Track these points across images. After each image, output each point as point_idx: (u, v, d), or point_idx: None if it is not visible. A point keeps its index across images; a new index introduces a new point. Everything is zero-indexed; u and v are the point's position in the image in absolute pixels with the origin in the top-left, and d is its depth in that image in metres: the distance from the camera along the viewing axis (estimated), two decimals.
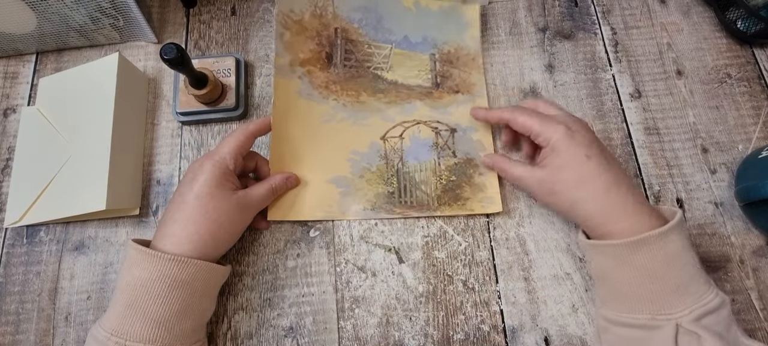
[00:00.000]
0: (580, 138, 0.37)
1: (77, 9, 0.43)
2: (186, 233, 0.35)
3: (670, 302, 0.33)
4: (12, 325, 0.40)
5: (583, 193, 0.36)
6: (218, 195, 0.36)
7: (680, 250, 0.34)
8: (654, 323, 0.33)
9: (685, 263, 0.33)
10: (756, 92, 0.48)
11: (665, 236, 0.33)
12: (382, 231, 0.43)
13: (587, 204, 0.36)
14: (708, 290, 0.33)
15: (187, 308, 0.34)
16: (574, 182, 0.36)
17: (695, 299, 0.33)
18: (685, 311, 0.32)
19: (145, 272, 0.33)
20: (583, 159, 0.36)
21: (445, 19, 0.50)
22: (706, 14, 0.52)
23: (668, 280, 0.33)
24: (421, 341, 0.40)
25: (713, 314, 0.32)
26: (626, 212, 0.35)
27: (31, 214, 0.41)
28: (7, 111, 0.47)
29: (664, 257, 0.33)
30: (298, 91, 0.46)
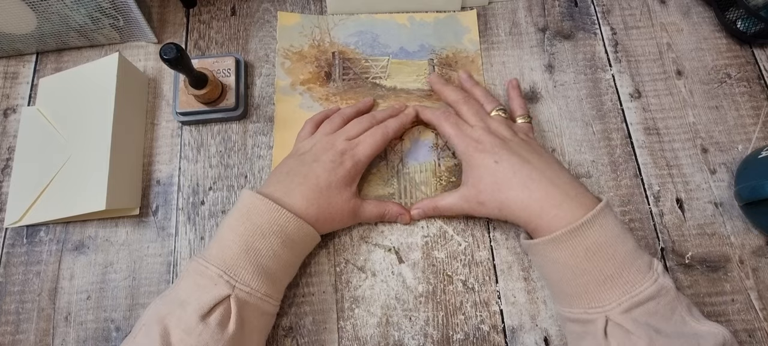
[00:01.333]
0: (486, 146, 0.38)
1: (77, 9, 0.43)
2: (305, 205, 0.37)
3: (598, 295, 0.33)
4: (12, 325, 0.40)
5: (504, 195, 0.37)
6: (344, 194, 0.39)
7: (603, 241, 0.33)
8: (587, 316, 0.33)
9: (611, 254, 0.33)
10: (756, 92, 0.48)
11: (582, 230, 0.33)
12: (382, 231, 0.43)
13: (511, 205, 0.37)
14: (642, 279, 0.32)
15: (287, 266, 0.36)
16: (493, 187, 0.37)
17: (625, 290, 0.32)
18: (613, 304, 0.32)
19: (265, 222, 0.34)
20: (493, 166, 0.37)
21: (442, 28, 0.50)
22: (705, 14, 0.52)
23: (593, 273, 0.33)
24: (420, 341, 0.40)
25: (646, 304, 0.31)
26: (550, 205, 0.35)
27: (31, 214, 0.41)
28: (7, 111, 0.47)
29: (584, 251, 0.33)
30: (300, 104, 0.47)
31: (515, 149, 0.38)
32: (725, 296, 0.41)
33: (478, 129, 0.40)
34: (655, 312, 0.31)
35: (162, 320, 0.31)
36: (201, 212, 0.44)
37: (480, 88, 0.45)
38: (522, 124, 0.43)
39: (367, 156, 0.40)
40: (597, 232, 0.33)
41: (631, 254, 0.33)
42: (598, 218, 0.33)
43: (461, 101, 0.43)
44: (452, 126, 0.41)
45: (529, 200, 0.36)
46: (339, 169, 0.39)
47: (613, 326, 0.32)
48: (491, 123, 0.41)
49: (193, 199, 0.44)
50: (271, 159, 0.45)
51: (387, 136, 0.42)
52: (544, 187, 0.36)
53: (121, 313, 0.41)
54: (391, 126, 0.42)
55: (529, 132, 0.42)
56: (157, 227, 0.43)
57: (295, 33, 0.50)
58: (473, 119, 0.41)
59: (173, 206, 0.44)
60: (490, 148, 0.38)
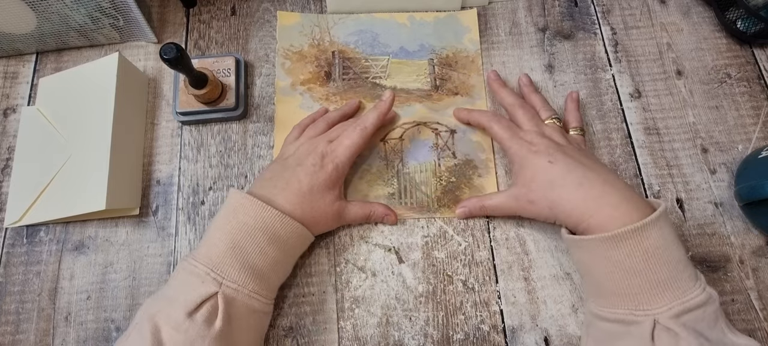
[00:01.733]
0: (541, 148, 0.39)
1: (77, 9, 0.43)
2: (289, 209, 0.37)
3: (648, 298, 0.33)
4: (12, 325, 0.40)
5: (556, 193, 0.37)
6: (327, 197, 0.39)
7: (661, 245, 0.33)
8: (632, 318, 0.33)
9: (667, 259, 0.33)
10: (756, 92, 0.48)
11: (643, 231, 0.33)
12: (382, 231, 0.43)
13: (563, 203, 0.36)
14: (693, 286, 0.32)
15: (276, 264, 0.36)
16: (546, 185, 0.37)
17: (676, 295, 0.32)
18: (664, 308, 0.32)
19: (250, 220, 0.35)
20: (547, 165, 0.37)
21: (442, 27, 0.50)
22: (705, 14, 0.52)
23: (647, 276, 0.33)
24: (420, 341, 0.40)
25: (695, 311, 0.32)
26: (605, 204, 0.35)
27: (31, 214, 0.41)
28: (7, 111, 0.47)
29: (643, 253, 0.33)
30: (300, 104, 0.47)
31: (569, 152, 0.38)
32: (725, 296, 0.41)
33: (532, 133, 0.40)
34: (702, 320, 0.32)
35: (153, 317, 0.32)
36: (201, 212, 0.44)
37: (538, 95, 0.45)
38: (575, 135, 0.43)
39: (348, 157, 0.40)
40: (657, 235, 0.33)
41: (683, 262, 0.33)
42: (659, 221, 0.33)
43: (517, 105, 0.43)
44: (505, 129, 0.41)
45: (583, 198, 0.36)
46: (320, 173, 0.39)
47: (661, 330, 0.32)
48: (545, 129, 0.41)
49: (193, 199, 0.44)
50: (272, 159, 0.45)
51: (365, 131, 0.41)
52: (600, 186, 0.35)
53: (121, 313, 0.41)
54: (369, 120, 0.41)
55: (582, 144, 0.42)
56: (157, 227, 0.43)
57: (295, 33, 0.50)
58: (527, 124, 0.42)
59: (173, 205, 0.44)
60: (544, 150, 0.38)
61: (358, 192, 0.44)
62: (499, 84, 0.46)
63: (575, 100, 0.46)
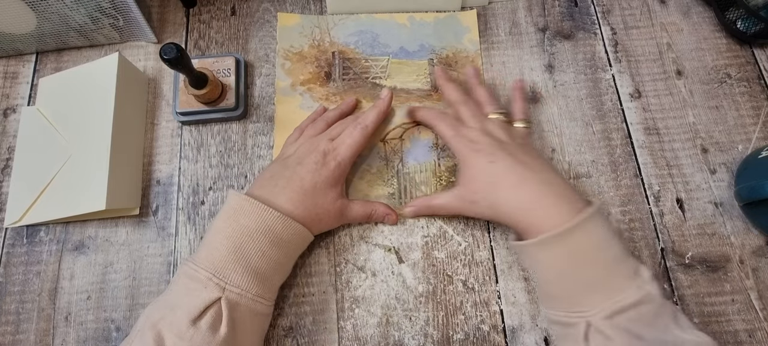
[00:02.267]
0: (482, 146, 0.38)
1: (77, 9, 0.43)
2: (291, 207, 0.37)
3: (580, 299, 0.33)
4: (12, 325, 0.40)
5: (495, 195, 0.37)
6: (330, 195, 0.39)
7: (589, 247, 0.33)
8: (568, 319, 0.33)
9: (596, 259, 0.33)
10: (756, 92, 0.48)
11: (568, 235, 0.33)
12: (382, 231, 0.43)
13: (502, 204, 0.37)
14: (627, 285, 0.32)
15: (278, 266, 0.36)
16: (486, 186, 0.37)
17: (608, 295, 0.32)
18: (596, 309, 0.32)
19: (251, 222, 0.34)
20: (488, 165, 0.37)
21: (442, 28, 0.50)
22: (705, 14, 0.52)
23: (577, 277, 0.33)
24: (420, 341, 0.40)
25: (629, 311, 0.31)
26: (540, 206, 0.35)
27: (31, 214, 0.41)
28: (7, 111, 0.47)
29: (568, 255, 0.33)
30: (300, 105, 0.47)
31: (511, 151, 0.38)
32: (725, 296, 0.41)
33: (475, 130, 0.40)
34: (638, 319, 0.31)
35: (155, 325, 0.31)
36: (201, 212, 0.44)
37: (482, 89, 0.45)
38: (520, 128, 0.42)
39: (350, 155, 0.40)
40: (583, 237, 0.33)
41: (616, 261, 0.33)
42: (585, 223, 0.33)
43: (460, 102, 0.43)
44: (448, 126, 0.41)
45: (520, 199, 0.36)
46: (322, 170, 0.38)
47: (594, 332, 0.32)
48: (488, 125, 0.41)
49: (193, 199, 0.44)
50: (272, 159, 0.45)
51: (367, 130, 0.41)
52: (537, 187, 0.36)
53: (121, 313, 0.41)
54: (370, 119, 0.42)
55: (526, 137, 0.42)
56: (157, 227, 0.43)
57: (294, 33, 0.50)
58: (471, 121, 0.41)
59: (173, 206, 0.44)
60: (485, 149, 0.38)
61: (358, 192, 0.44)
62: (445, 79, 0.46)
63: (520, 89, 0.45)
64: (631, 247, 0.43)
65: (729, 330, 0.40)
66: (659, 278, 0.42)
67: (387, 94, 0.43)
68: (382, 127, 0.46)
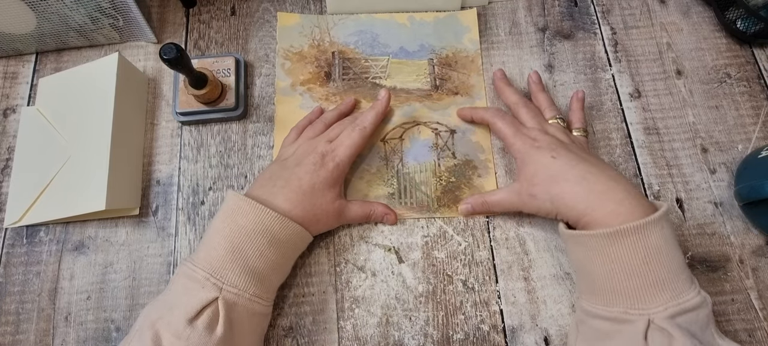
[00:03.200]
0: (544, 143, 0.39)
1: (77, 9, 0.43)
2: (289, 207, 0.37)
3: (645, 297, 0.32)
4: (12, 325, 0.40)
5: (558, 188, 0.37)
6: (328, 196, 0.39)
7: (661, 245, 0.33)
8: (626, 316, 0.33)
9: (666, 259, 0.33)
10: (755, 92, 0.48)
11: (645, 230, 0.32)
12: (382, 231, 0.43)
13: (565, 197, 0.36)
14: (688, 288, 0.32)
15: (276, 266, 0.36)
16: (548, 180, 0.37)
17: (673, 296, 0.32)
18: (660, 308, 0.32)
19: (249, 223, 0.35)
20: (550, 160, 0.38)
21: (442, 27, 0.50)
22: (705, 14, 0.52)
23: (646, 275, 0.33)
24: (420, 341, 0.40)
25: (690, 313, 0.32)
26: (608, 200, 0.34)
27: (31, 214, 0.41)
28: (6, 111, 0.47)
29: (643, 251, 0.33)
30: (300, 105, 0.47)
31: (572, 149, 0.38)
32: (725, 296, 0.41)
33: (535, 130, 0.41)
34: (696, 322, 0.32)
35: (153, 324, 0.31)
36: (201, 212, 0.44)
37: (545, 94, 0.45)
38: (578, 136, 0.43)
39: (349, 156, 0.40)
40: (658, 235, 0.33)
41: (681, 264, 0.33)
42: (661, 221, 0.33)
43: (520, 104, 0.43)
44: (508, 125, 0.41)
45: (587, 192, 0.35)
46: (321, 171, 0.39)
47: (655, 330, 0.31)
48: (548, 127, 0.41)
49: (193, 199, 0.44)
50: (272, 159, 0.45)
51: (365, 131, 0.41)
52: (604, 181, 0.35)
53: (121, 313, 0.41)
54: (368, 120, 0.42)
55: (585, 145, 0.42)
56: (157, 227, 0.43)
57: (294, 33, 0.50)
58: (531, 122, 0.42)
59: (173, 206, 0.44)
60: (547, 145, 0.38)
61: (358, 192, 0.44)
62: (504, 83, 0.46)
63: (581, 100, 0.45)
64: None
65: (729, 330, 0.40)
66: None
67: (385, 95, 0.43)
68: (381, 127, 0.46)
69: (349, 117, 0.44)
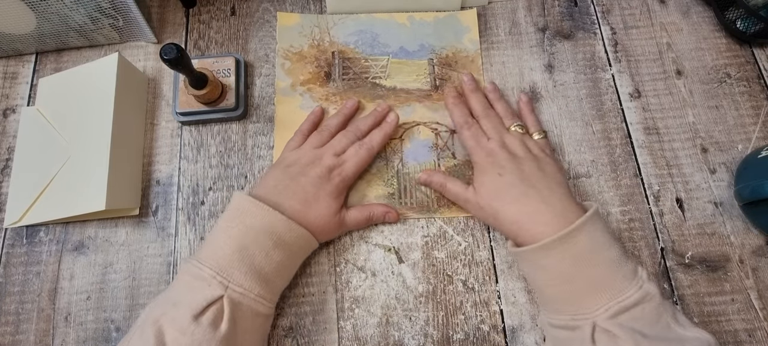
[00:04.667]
0: (497, 159, 0.40)
1: (77, 9, 0.43)
2: (296, 214, 0.37)
3: (585, 301, 0.34)
4: (12, 325, 0.40)
5: (499, 205, 0.39)
6: (332, 207, 0.40)
7: (590, 249, 0.34)
8: (574, 323, 0.34)
9: (598, 261, 0.34)
10: (755, 92, 0.48)
11: (569, 238, 0.34)
12: (382, 231, 0.43)
13: (503, 215, 0.38)
14: (628, 285, 0.33)
15: (281, 268, 0.37)
16: (492, 195, 0.39)
17: (612, 296, 0.33)
18: (601, 309, 0.33)
19: (257, 223, 0.35)
20: (497, 178, 0.39)
21: (442, 27, 0.50)
22: (705, 14, 0.52)
23: (581, 280, 0.34)
24: (420, 341, 0.40)
25: (632, 310, 0.32)
26: (537, 222, 0.36)
27: (30, 214, 0.41)
28: (6, 111, 0.47)
29: (572, 258, 0.34)
30: (300, 105, 0.47)
31: (521, 166, 0.40)
32: (725, 296, 0.41)
33: (494, 142, 0.42)
34: (641, 317, 0.32)
35: (157, 320, 0.32)
36: (201, 212, 0.44)
37: (503, 102, 0.46)
38: (538, 140, 0.43)
39: (355, 173, 0.42)
40: (584, 239, 0.34)
41: (617, 261, 0.34)
42: (585, 225, 0.34)
43: (482, 115, 0.44)
44: (471, 137, 0.43)
45: (518, 213, 0.38)
46: (327, 185, 0.40)
47: (601, 332, 0.33)
48: (507, 138, 0.42)
49: (193, 199, 0.44)
50: (272, 159, 0.45)
51: (372, 151, 0.43)
52: (535, 205, 0.37)
53: (121, 313, 0.41)
54: (376, 140, 0.43)
55: (545, 147, 0.43)
56: (157, 227, 0.43)
57: (294, 33, 0.50)
58: (492, 132, 0.43)
59: (173, 206, 0.44)
60: (499, 162, 0.40)
61: (358, 192, 0.44)
62: (470, 89, 0.46)
63: (526, 103, 0.46)
64: (630, 246, 0.43)
65: (729, 330, 0.40)
66: (659, 278, 0.42)
67: (394, 118, 0.45)
68: None
69: (353, 127, 0.44)
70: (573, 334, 0.34)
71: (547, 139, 0.44)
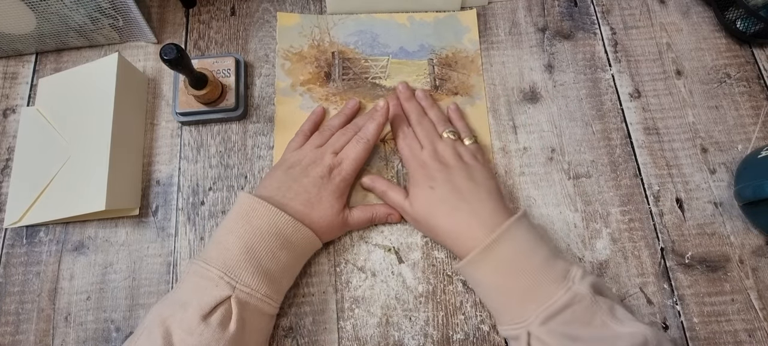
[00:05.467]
0: (429, 171, 0.40)
1: (77, 9, 0.43)
2: (301, 213, 0.38)
3: (518, 311, 0.34)
4: (12, 325, 0.40)
5: (433, 221, 0.39)
6: (336, 207, 0.40)
7: (513, 256, 0.35)
8: (513, 332, 0.35)
9: (523, 269, 0.35)
10: (755, 92, 0.48)
11: (492, 250, 0.35)
12: (382, 231, 0.43)
13: (439, 229, 0.39)
14: (557, 289, 0.33)
15: (286, 269, 0.37)
16: (425, 209, 0.40)
17: (540, 302, 0.33)
18: (532, 317, 0.33)
19: (264, 224, 0.35)
20: (429, 191, 0.39)
21: (442, 27, 0.50)
22: (705, 14, 0.52)
23: (510, 290, 0.35)
24: (420, 341, 0.40)
25: (562, 313, 0.33)
26: (468, 237, 0.37)
27: (30, 214, 0.41)
28: (6, 111, 0.47)
29: (496, 270, 0.35)
30: (300, 105, 0.47)
31: (451, 177, 0.40)
32: (725, 296, 0.41)
33: (426, 152, 0.42)
34: (573, 320, 0.33)
35: (164, 321, 0.32)
36: (201, 213, 0.44)
37: (435, 109, 0.46)
38: (470, 145, 0.43)
39: (354, 169, 0.41)
40: (504, 248, 0.35)
41: (544, 265, 0.35)
42: (504, 235, 0.35)
43: (416, 122, 0.45)
44: (407, 146, 0.43)
45: (452, 228, 0.38)
46: (329, 185, 0.40)
47: (535, 340, 0.33)
48: (439, 146, 0.42)
49: (193, 199, 0.44)
50: (272, 159, 0.45)
51: (369, 143, 0.42)
52: (466, 218, 0.38)
53: (121, 313, 0.41)
54: (370, 131, 0.42)
55: (477, 153, 0.43)
56: (156, 228, 0.43)
57: (294, 33, 0.50)
58: (425, 141, 0.43)
59: (173, 206, 0.44)
60: (431, 173, 0.40)
61: (360, 192, 0.44)
62: (405, 96, 0.46)
63: (455, 111, 0.46)
64: (631, 246, 0.43)
65: (729, 330, 0.40)
66: (659, 278, 0.42)
67: (384, 105, 0.43)
68: None
69: (352, 125, 0.44)
70: (515, 343, 0.35)
71: (477, 145, 0.44)
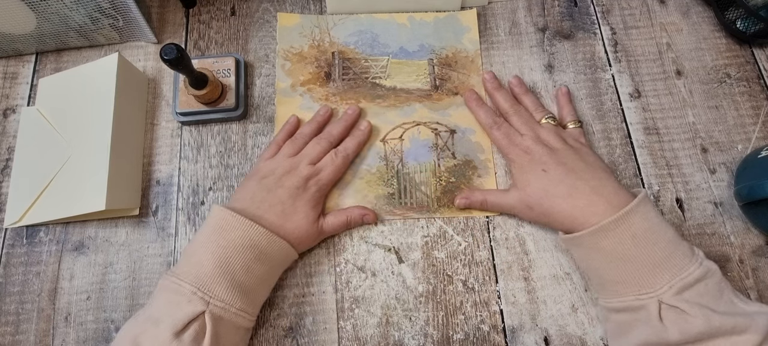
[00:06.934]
0: (536, 156, 0.40)
1: (77, 9, 0.43)
2: (276, 225, 0.37)
3: (648, 280, 0.34)
4: (12, 325, 0.40)
5: (548, 203, 0.38)
6: (310, 216, 0.40)
7: (647, 229, 0.34)
8: (638, 303, 0.34)
9: (656, 240, 0.34)
10: (755, 92, 0.48)
11: (626, 219, 0.34)
12: (382, 231, 0.43)
13: (555, 212, 0.38)
14: (689, 262, 0.33)
15: (262, 281, 0.37)
16: (541, 193, 0.39)
17: (673, 273, 0.33)
18: (665, 287, 0.33)
19: (238, 238, 0.35)
20: (542, 174, 0.39)
21: (442, 27, 0.50)
22: (705, 14, 0.52)
23: (641, 259, 0.34)
24: (420, 341, 0.40)
25: (696, 286, 0.33)
26: (591, 213, 0.36)
27: (30, 214, 0.41)
28: (6, 111, 0.47)
29: (631, 238, 0.34)
30: (300, 106, 0.47)
31: (562, 159, 0.39)
32: None
33: (528, 138, 0.41)
34: (705, 293, 0.33)
35: (135, 339, 0.31)
36: (201, 213, 0.44)
37: (530, 96, 0.46)
38: (572, 129, 0.44)
39: (332, 181, 0.42)
40: (640, 220, 0.35)
41: (674, 240, 0.34)
42: (639, 206, 0.35)
43: (511, 112, 0.44)
44: (503, 136, 0.43)
45: (572, 208, 0.37)
46: (304, 195, 0.40)
47: (667, 309, 0.33)
48: (541, 132, 0.42)
49: (193, 199, 0.44)
50: None
51: (348, 159, 0.43)
52: (587, 196, 0.37)
53: (121, 313, 0.41)
54: (351, 148, 0.43)
55: (580, 137, 0.43)
56: (156, 228, 0.43)
57: (295, 34, 0.50)
58: (523, 129, 0.43)
59: (173, 206, 0.44)
60: (539, 158, 0.40)
61: (358, 192, 0.44)
62: (493, 86, 0.46)
63: (565, 94, 0.46)
64: None
65: None
66: None
67: (366, 126, 0.45)
68: (381, 127, 0.46)
69: (326, 134, 0.44)
70: (637, 315, 0.34)
71: (581, 129, 0.44)
